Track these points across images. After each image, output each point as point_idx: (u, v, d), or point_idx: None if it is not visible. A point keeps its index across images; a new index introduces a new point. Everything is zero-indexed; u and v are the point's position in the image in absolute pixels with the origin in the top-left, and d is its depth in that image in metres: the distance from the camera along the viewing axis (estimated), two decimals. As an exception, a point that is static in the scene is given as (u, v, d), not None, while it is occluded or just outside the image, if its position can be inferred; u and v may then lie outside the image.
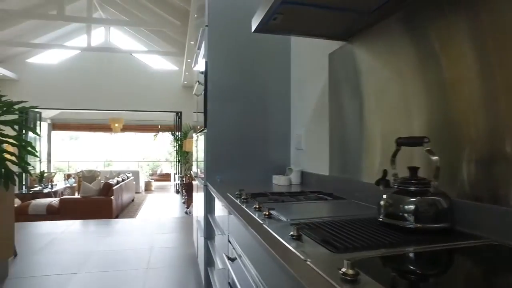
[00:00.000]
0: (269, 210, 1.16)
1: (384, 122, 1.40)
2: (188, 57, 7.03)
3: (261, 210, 1.25)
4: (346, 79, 1.70)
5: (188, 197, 7.12)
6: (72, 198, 6.20)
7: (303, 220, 1.10)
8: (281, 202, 1.45)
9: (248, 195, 1.50)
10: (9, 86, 8.93)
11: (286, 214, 1.17)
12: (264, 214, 1.15)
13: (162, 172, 11.13)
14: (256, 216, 1.17)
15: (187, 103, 9.73)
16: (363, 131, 1.54)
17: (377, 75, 1.44)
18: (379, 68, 1.43)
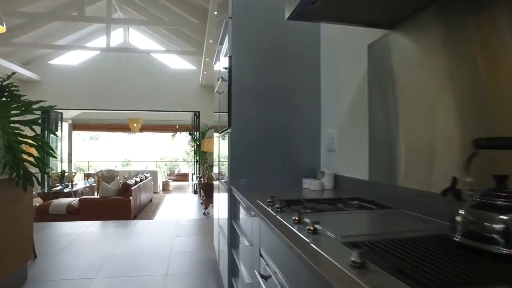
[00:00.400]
0: (314, 224, 0.98)
1: (439, 122, 1.19)
2: (206, 55, 6.91)
3: (302, 222, 1.07)
4: (391, 72, 1.50)
5: (206, 198, 7.01)
6: (91, 198, 6.17)
7: (357, 237, 0.91)
8: (320, 211, 1.27)
9: (282, 203, 1.32)
10: (33, 87, 9.06)
11: (333, 228, 0.99)
12: (308, 230, 0.96)
13: (180, 172, 11.08)
14: (297, 230, 0.99)
15: (205, 103, 9.64)
16: (412, 131, 1.34)
17: (432, 68, 1.23)
18: (434, 60, 1.22)
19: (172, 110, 9.69)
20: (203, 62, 7.39)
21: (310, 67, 2.28)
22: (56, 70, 9.20)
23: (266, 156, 2.20)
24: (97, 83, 9.26)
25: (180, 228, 4.58)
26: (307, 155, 2.26)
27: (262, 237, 1.34)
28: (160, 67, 9.60)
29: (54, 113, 9.50)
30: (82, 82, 9.21)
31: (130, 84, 9.37)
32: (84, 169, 15.65)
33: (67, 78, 9.17)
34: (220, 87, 2.62)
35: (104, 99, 9.27)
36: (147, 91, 9.41)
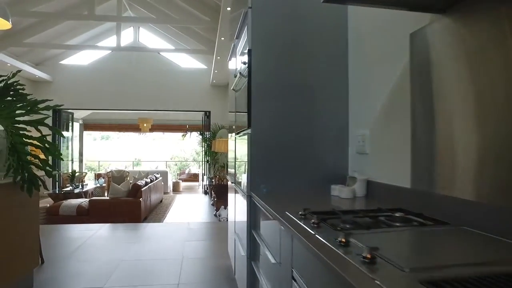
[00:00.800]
0: (371, 250, 0.77)
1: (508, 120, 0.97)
2: (218, 54, 6.73)
3: (350, 245, 0.87)
4: (440, 65, 1.28)
5: (218, 200, 6.84)
6: (101, 200, 6.05)
7: (434, 271, 0.70)
8: (366, 229, 1.06)
9: (317, 217, 1.11)
10: (44, 88, 9.02)
11: (393, 254, 0.78)
12: (363, 257, 0.76)
13: (190, 173, 10.95)
14: (348, 257, 0.78)
15: (216, 102, 9.47)
16: (469, 133, 1.12)
17: (496, 59, 1.01)
18: (499, 50, 1.00)
19: (182, 109, 9.55)
20: (214, 61, 7.21)
21: (336, 62, 2.06)
22: (67, 70, 9.14)
23: (288, 159, 1.99)
24: (107, 83, 9.17)
25: (192, 232, 4.40)
26: (333, 158, 2.04)
27: (295, 256, 1.14)
28: (171, 67, 9.47)
29: (65, 113, 9.45)
30: (93, 82, 9.13)
31: (140, 84, 9.26)
32: (95, 169, 15.66)
33: (78, 78, 9.10)
34: (237, 84, 2.42)
35: (114, 99, 9.17)
36: (157, 90, 9.29)
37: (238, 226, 2.40)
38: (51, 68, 9.05)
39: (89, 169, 15.99)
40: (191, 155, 16.65)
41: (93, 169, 15.79)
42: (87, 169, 15.98)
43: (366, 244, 0.81)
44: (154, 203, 7.21)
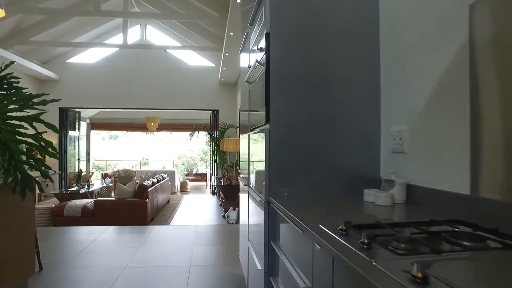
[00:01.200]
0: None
1: None
2: (226, 50, 6.48)
3: (429, 282, 0.60)
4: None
5: (226, 200, 6.60)
6: (106, 200, 5.84)
7: None
8: (436, 253, 0.79)
9: (367, 235, 0.85)
10: (51, 86, 8.87)
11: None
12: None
13: (198, 172, 10.72)
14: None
15: (224, 101, 9.23)
16: None
17: None
18: None
19: (190, 108, 9.33)
20: (223, 58, 6.97)
21: (366, 46, 1.79)
22: (74, 69, 8.98)
23: (311, 159, 1.72)
24: (114, 82, 8.99)
25: (200, 235, 4.15)
26: (362, 158, 1.77)
27: (338, 284, 0.87)
28: (178, 64, 9.26)
29: (72, 112, 9.29)
30: (100, 80, 8.95)
31: (147, 82, 9.06)
32: (103, 169, 15.55)
33: (84, 76, 8.94)
34: (252, 75, 2.16)
35: (121, 97, 8.99)
36: (165, 89, 9.08)
37: (252, 233, 2.14)
38: (58, 67, 8.89)
39: (97, 168, 15.90)
40: (198, 155, 16.47)
41: (101, 169, 15.70)
42: (95, 169, 15.90)
43: (452, 281, 0.54)
44: (161, 203, 7.00)
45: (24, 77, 8.23)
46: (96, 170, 15.57)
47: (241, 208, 2.86)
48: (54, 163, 8.75)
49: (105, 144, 20.15)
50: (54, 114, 8.85)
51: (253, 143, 2.18)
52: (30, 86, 8.45)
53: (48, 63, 8.86)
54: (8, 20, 6.89)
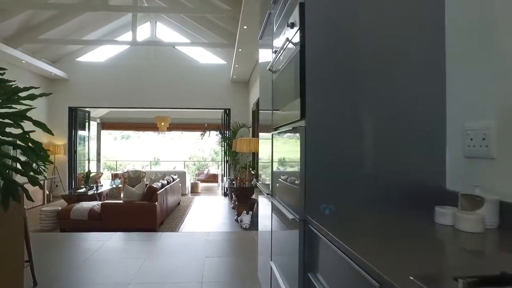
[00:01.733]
0: None
1: None
2: (239, 45, 6.10)
3: None
4: None
5: (239, 203, 6.23)
6: (114, 203, 5.53)
7: None
8: None
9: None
10: (61, 85, 8.65)
11: None
12: None
13: (209, 173, 10.39)
14: None
15: (236, 100, 8.86)
16: None
17: None
18: None
19: (201, 107, 8.99)
20: (235, 54, 6.59)
21: (424, 16, 1.38)
22: (84, 68, 8.73)
23: (358, 165, 1.32)
24: (124, 81, 8.71)
25: (212, 245, 3.78)
26: (421, 163, 1.36)
27: None
28: (189, 63, 8.92)
29: (81, 112, 9.05)
30: (109, 79, 8.69)
31: (157, 81, 8.76)
32: (114, 169, 15.36)
33: (94, 75, 8.68)
34: (277, 63, 1.76)
35: (131, 96, 8.70)
36: (175, 88, 8.76)
37: (278, 255, 1.75)
38: (68, 66, 8.66)
39: (108, 168, 15.75)
40: (209, 155, 16.16)
41: (112, 169, 15.52)
42: (106, 168, 15.76)
43: None
44: (171, 206, 6.66)
45: (33, 76, 8.01)
46: (108, 170, 15.43)
47: (261, 219, 2.47)
48: (63, 163, 8.53)
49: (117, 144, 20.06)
50: (64, 113, 8.62)
51: (280, 144, 1.79)
52: (40, 85, 8.22)
53: (58, 62, 8.63)
54: (17, 17, 6.65)
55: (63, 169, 8.55)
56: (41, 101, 8.30)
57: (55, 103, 8.60)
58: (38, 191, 7.42)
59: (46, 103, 8.49)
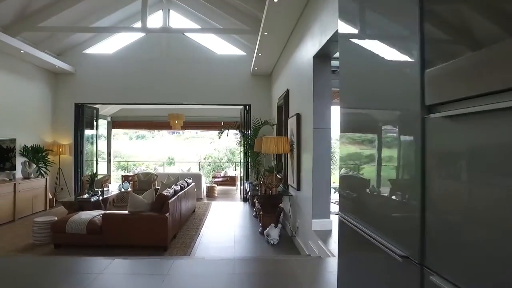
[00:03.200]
0: None
1: None
2: (265, 28, 5.03)
3: None
4: None
5: (264, 213, 5.17)
6: (117, 214, 4.53)
7: None
8: None
9: None
10: (66, 80, 7.77)
11: None
12: None
13: (227, 175, 9.37)
14: None
15: (257, 95, 7.80)
16: None
17: None
18: None
19: (218, 103, 7.97)
20: (260, 39, 5.51)
21: None
22: (91, 60, 7.82)
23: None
24: (134, 74, 7.76)
25: (241, 280, 2.72)
26: None
27: None
28: (205, 54, 7.90)
29: (89, 109, 8.15)
30: (118, 73, 7.75)
31: (171, 75, 7.77)
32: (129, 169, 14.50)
33: (102, 68, 7.76)
34: None
35: (142, 92, 7.75)
36: (191, 82, 7.76)
37: None
38: (74, 58, 7.76)
39: (122, 168, 14.93)
40: (225, 155, 15.16)
41: (126, 169, 14.65)
42: (120, 169, 14.95)
43: None
44: (185, 214, 5.65)
45: (35, 70, 7.13)
46: (122, 170, 14.62)
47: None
48: (69, 165, 7.63)
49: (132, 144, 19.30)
50: (69, 110, 7.73)
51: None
52: (43, 80, 7.36)
53: (63, 55, 7.74)
54: (13, 1, 5.76)
55: (69, 171, 7.66)
56: (45, 97, 7.43)
57: (60, 99, 7.72)
58: (40, 195, 6.52)
59: (51, 99, 7.62)
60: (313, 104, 3.91)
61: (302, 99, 4.46)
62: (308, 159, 4.09)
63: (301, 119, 4.50)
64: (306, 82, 4.17)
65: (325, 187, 3.94)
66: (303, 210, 4.35)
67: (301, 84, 4.56)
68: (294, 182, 4.72)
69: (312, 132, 3.92)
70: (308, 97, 4.08)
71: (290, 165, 5.06)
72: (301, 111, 4.52)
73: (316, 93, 3.91)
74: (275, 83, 7.02)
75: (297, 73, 4.80)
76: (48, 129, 7.54)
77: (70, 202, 5.61)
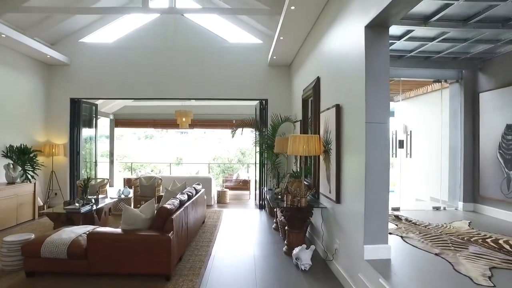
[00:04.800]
0: None
1: None
2: (291, 2, 3.93)
3: None
4: None
5: (290, 228, 4.08)
6: (108, 234, 3.44)
7: None
8: None
9: None
10: (61, 72, 6.74)
11: None
12: None
13: (239, 179, 8.29)
14: None
15: (275, 89, 6.70)
16: None
17: None
18: None
19: (231, 98, 6.88)
20: (284, 16, 4.40)
21: None
22: (88, 50, 6.78)
23: None
24: (136, 66, 6.71)
25: None
26: None
27: None
28: (216, 43, 6.82)
29: (87, 105, 7.12)
30: (119, 64, 6.71)
31: (178, 66, 6.71)
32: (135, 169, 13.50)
33: (101, 59, 6.73)
34: None
35: (146, 86, 6.70)
36: (200, 74, 6.69)
37: None
38: (69, 48, 6.73)
39: (129, 169, 13.96)
40: (235, 156, 14.07)
41: (133, 170, 13.65)
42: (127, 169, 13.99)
43: None
44: (193, 228, 4.57)
45: (25, 60, 6.11)
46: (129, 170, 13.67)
47: None
48: (64, 167, 6.61)
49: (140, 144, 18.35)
50: (64, 106, 6.70)
51: None
52: (35, 71, 6.35)
53: (57, 44, 6.72)
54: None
55: (64, 174, 6.64)
56: (36, 91, 6.41)
57: (53, 93, 6.70)
58: (26, 203, 5.49)
59: (43, 93, 6.60)
60: (366, 91, 2.80)
61: (343, 86, 3.36)
62: (356, 163, 2.99)
63: (342, 111, 3.39)
64: (353, 63, 3.06)
65: (382, 202, 2.82)
66: (346, 229, 3.24)
67: (340, 68, 3.45)
68: (331, 192, 3.61)
69: (364, 128, 2.81)
70: (356, 82, 2.98)
71: (324, 170, 3.95)
72: (342, 102, 3.41)
73: (370, 76, 2.80)
74: (297, 74, 5.90)
75: (335, 55, 3.69)
76: (40, 127, 6.53)
77: (57, 213, 4.55)
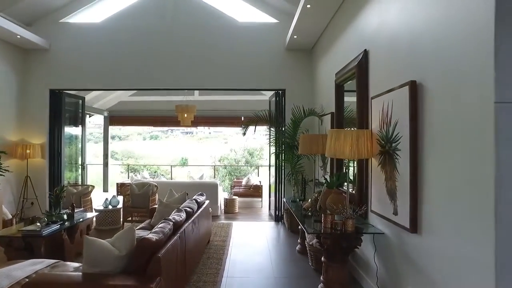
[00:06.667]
0: None
1: None
2: None
3: None
4: None
5: (329, 262, 2.81)
6: (60, 279, 2.16)
7: None
8: None
9: None
10: (38, 58, 5.51)
11: None
12: None
13: (249, 184, 7.02)
14: None
15: (294, 77, 5.41)
16: None
17: None
18: None
19: (241, 88, 5.62)
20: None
21: None
22: (72, 32, 5.55)
23: None
24: (129, 51, 5.46)
25: None
26: None
27: None
28: (223, 22, 5.55)
29: (73, 99, 5.89)
30: (108, 49, 5.47)
31: (178, 52, 5.45)
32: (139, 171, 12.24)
33: (86, 43, 5.49)
34: None
35: (140, 74, 5.44)
36: (204, 61, 5.43)
37: None
38: (48, 29, 5.50)
39: (132, 170, 12.76)
40: (242, 156, 12.78)
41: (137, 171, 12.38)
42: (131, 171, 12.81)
43: None
44: (195, 255, 3.30)
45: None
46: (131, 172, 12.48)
47: None
48: (41, 171, 5.38)
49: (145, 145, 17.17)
50: (43, 99, 5.47)
51: None
52: (5, 57, 5.13)
53: (34, 24, 5.50)
54: None
55: (41, 180, 5.41)
56: (7, 80, 5.19)
57: (29, 83, 5.48)
58: (-9, 217, 4.25)
59: (16, 82, 5.38)
60: (496, 47, 1.52)
61: (427, 52, 2.06)
62: (463, 171, 1.71)
63: (424, 91, 2.10)
64: (455, 5, 1.78)
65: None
66: (434, 277, 1.94)
67: (417, 26, 2.16)
68: (399, 213, 2.33)
69: (490, 112, 1.53)
70: (463, 38, 1.69)
71: (382, 180, 2.65)
72: (422, 77, 2.12)
73: (503, 15, 1.52)
74: (324, 56, 4.61)
75: (406, 11, 2.39)
76: (12, 124, 5.30)
77: (8, 237, 3.26)
